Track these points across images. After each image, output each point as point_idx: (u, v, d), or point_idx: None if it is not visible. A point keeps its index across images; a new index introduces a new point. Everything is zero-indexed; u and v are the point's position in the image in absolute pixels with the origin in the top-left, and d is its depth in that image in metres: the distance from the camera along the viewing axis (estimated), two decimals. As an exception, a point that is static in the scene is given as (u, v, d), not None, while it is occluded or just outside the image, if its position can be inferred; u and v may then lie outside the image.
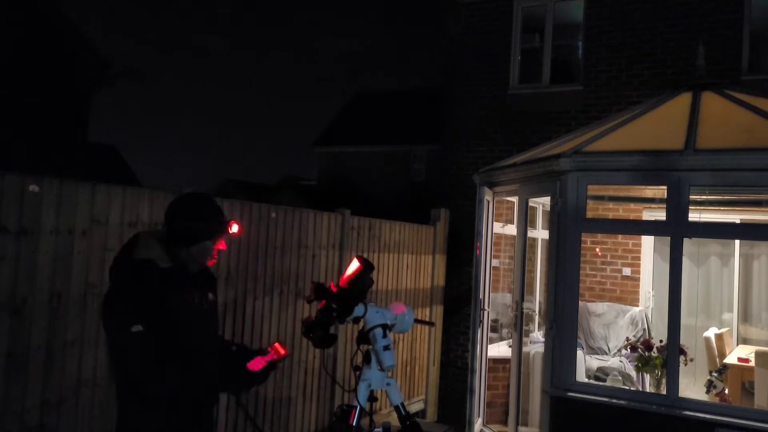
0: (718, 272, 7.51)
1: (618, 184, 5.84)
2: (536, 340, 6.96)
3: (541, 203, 7.13)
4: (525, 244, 5.89)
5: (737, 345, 7.04)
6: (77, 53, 13.28)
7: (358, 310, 2.66)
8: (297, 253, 5.32)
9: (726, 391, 5.71)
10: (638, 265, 7.37)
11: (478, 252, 6.24)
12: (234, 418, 4.61)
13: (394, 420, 2.78)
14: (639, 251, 7.37)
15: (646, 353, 5.76)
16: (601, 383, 5.90)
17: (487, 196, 6.33)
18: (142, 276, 2.36)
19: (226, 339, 3.00)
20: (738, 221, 6.82)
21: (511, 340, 6.55)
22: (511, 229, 6.94)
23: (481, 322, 6.24)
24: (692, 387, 6.19)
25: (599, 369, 6.51)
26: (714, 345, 6.42)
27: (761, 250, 7.35)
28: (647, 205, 7.09)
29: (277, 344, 2.59)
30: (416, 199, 16.93)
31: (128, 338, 2.27)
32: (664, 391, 4.86)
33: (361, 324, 2.73)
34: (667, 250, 4.82)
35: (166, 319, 2.35)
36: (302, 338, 2.72)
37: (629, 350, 6.08)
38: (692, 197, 4.79)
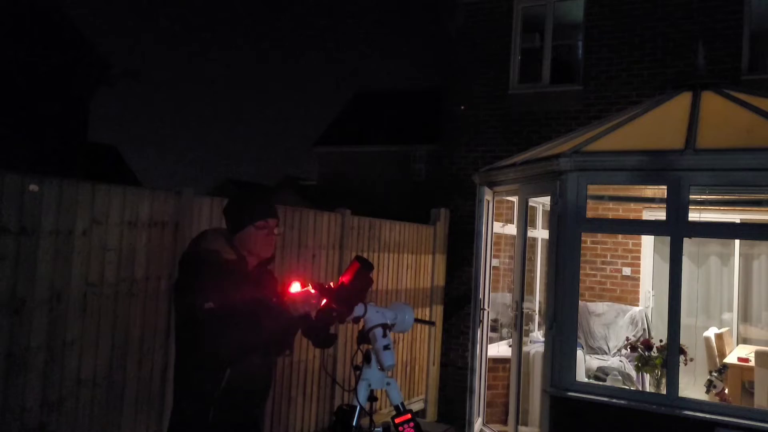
0: (718, 272, 7.51)
1: (618, 183, 5.84)
2: (536, 339, 6.96)
3: (541, 203, 7.13)
4: (525, 244, 5.89)
5: (737, 345, 7.04)
6: (77, 53, 13.28)
7: (358, 309, 2.67)
8: (297, 253, 5.32)
9: (726, 391, 5.71)
10: (638, 265, 7.37)
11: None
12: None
13: (394, 420, 2.78)
14: (639, 251, 7.37)
15: (646, 353, 5.76)
16: (601, 383, 5.90)
17: (487, 196, 6.33)
18: (209, 263, 2.57)
19: None
20: (738, 221, 6.82)
21: (511, 340, 6.56)
22: (511, 229, 6.94)
23: (481, 321, 6.24)
24: (692, 387, 6.19)
25: (599, 369, 6.51)
26: (714, 345, 6.42)
27: (761, 250, 7.35)
28: (647, 205, 7.09)
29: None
30: (416, 199, 16.93)
31: (202, 315, 2.44)
32: (664, 391, 4.86)
33: (361, 324, 2.73)
34: (667, 250, 4.82)
35: (230, 303, 2.50)
36: (302, 338, 2.72)
37: (629, 350, 6.08)
38: (692, 197, 4.79)
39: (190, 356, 2.61)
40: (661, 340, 5.42)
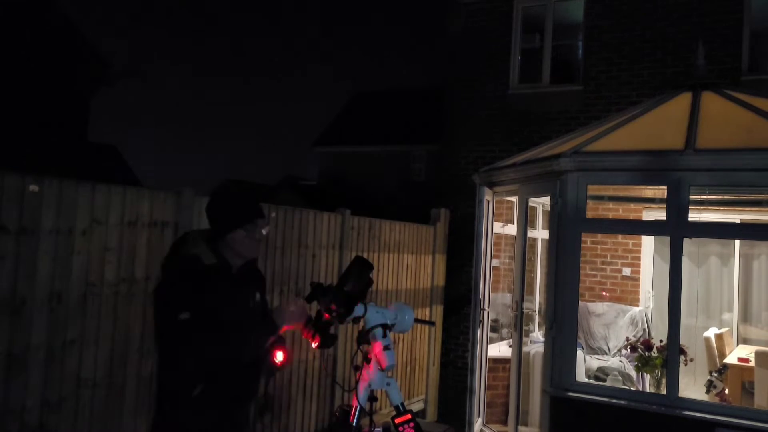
0: (718, 272, 7.51)
1: (618, 184, 5.84)
2: (536, 340, 6.96)
3: (541, 203, 7.13)
4: (525, 244, 5.88)
5: (737, 345, 7.04)
6: (77, 53, 13.29)
7: (358, 309, 2.67)
8: (297, 253, 5.32)
9: (726, 391, 5.72)
10: (638, 265, 7.38)
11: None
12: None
13: (394, 420, 2.78)
14: (639, 251, 7.38)
15: (646, 353, 5.76)
16: (601, 383, 5.91)
17: (487, 196, 6.33)
18: (188, 269, 2.47)
19: None
20: (738, 221, 6.82)
21: (511, 340, 6.55)
22: (511, 229, 6.94)
23: (481, 322, 6.24)
24: (692, 387, 6.19)
25: (599, 369, 6.51)
26: (714, 345, 6.42)
27: (761, 250, 7.35)
28: (647, 205, 7.09)
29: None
30: (416, 199, 16.90)
31: (176, 325, 2.37)
32: (664, 391, 4.86)
33: (361, 324, 2.74)
34: (667, 250, 4.82)
35: (209, 312, 2.42)
36: (302, 338, 2.72)
37: (629, 350, 6.08)
38: (692, 197, 4.79)
39: (166, 362, 2.52)
40: (661, 340, 5.42)
